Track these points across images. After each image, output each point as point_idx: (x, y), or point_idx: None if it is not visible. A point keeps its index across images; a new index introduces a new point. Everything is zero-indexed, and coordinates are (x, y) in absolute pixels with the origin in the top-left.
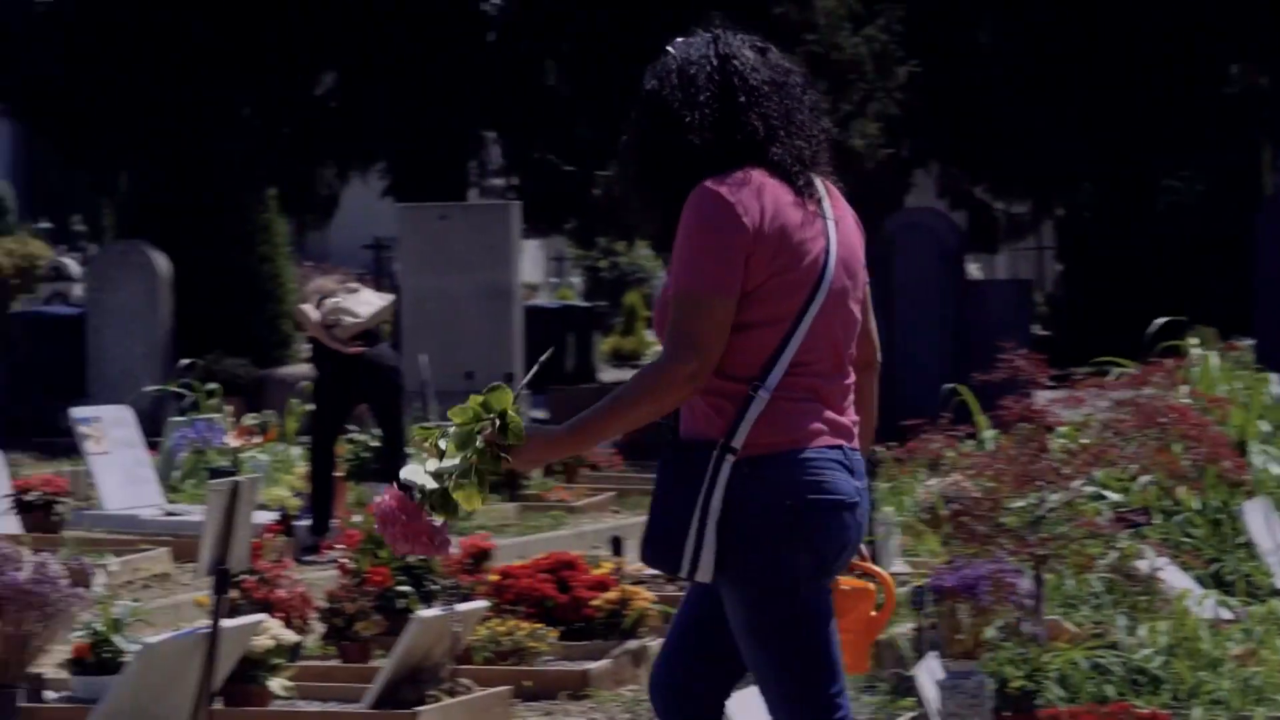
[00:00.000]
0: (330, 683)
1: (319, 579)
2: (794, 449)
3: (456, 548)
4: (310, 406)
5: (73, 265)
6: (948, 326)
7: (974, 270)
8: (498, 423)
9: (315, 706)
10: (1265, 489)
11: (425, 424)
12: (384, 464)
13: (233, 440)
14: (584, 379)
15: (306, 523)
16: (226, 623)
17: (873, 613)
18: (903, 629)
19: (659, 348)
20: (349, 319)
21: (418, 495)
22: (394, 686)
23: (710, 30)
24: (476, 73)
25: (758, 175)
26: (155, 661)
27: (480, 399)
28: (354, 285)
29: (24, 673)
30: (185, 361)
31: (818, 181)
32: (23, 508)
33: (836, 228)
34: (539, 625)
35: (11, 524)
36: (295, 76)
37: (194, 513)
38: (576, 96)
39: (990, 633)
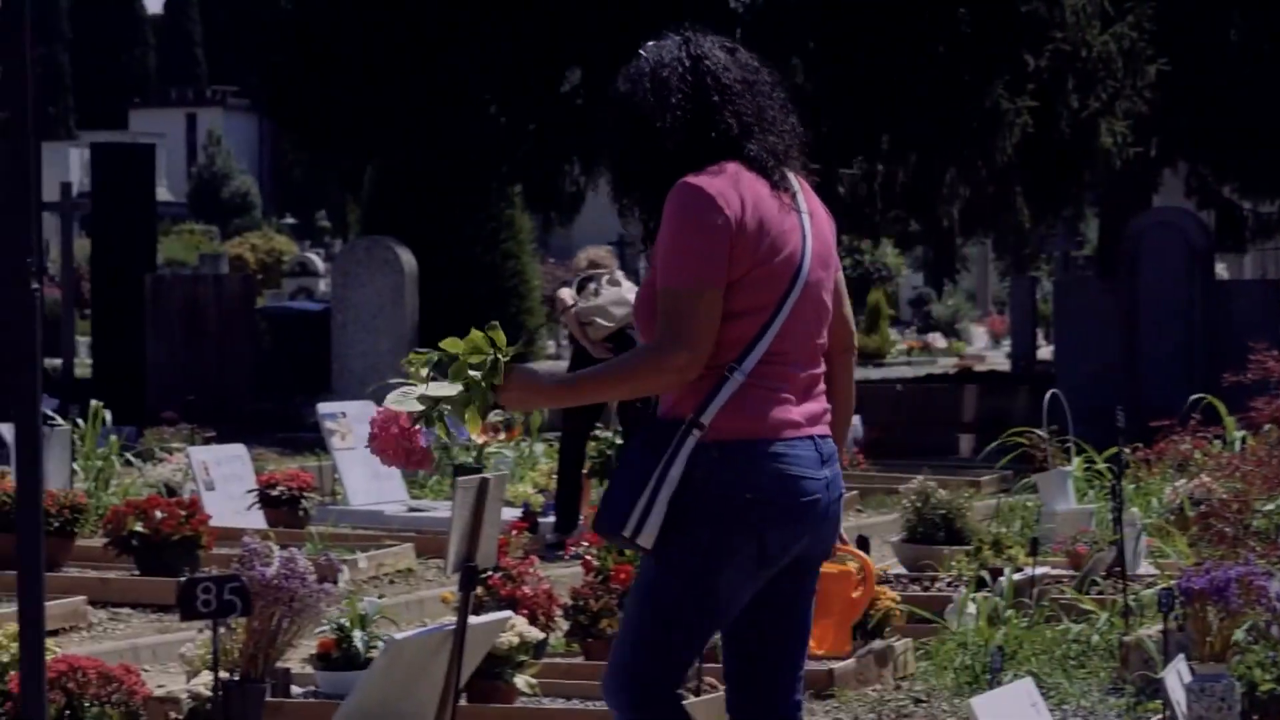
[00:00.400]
0: (574, 680)
1: (563, 576)
2: (765, 439)
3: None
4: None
5: (317, 260)
6: (1195, 327)
7: (1221, 270)
8: (490, 360)
9: (559, 704)
10: None
11: (419, 349)
12: None
13: (477, 437)
14: None
15: (551, 519)
16: (473, 620)
17: (853, 595)
18: (1150, 631)
19: (902, 345)
20: (601, 321)
21: (417, 415)
22: None
23: (680, 33)
24: None
25: (734, 168)
26: (402, 658)
27: (480, 335)
28: (617, 277)
29: (271, 667)
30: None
31: (791, 176)
32: (268, 502)
33: (811, 221)
34: None
35: (257, 519)
36: (541, 73)
37: (438, 509)
38: (822, 94)
39: (1239, 635)
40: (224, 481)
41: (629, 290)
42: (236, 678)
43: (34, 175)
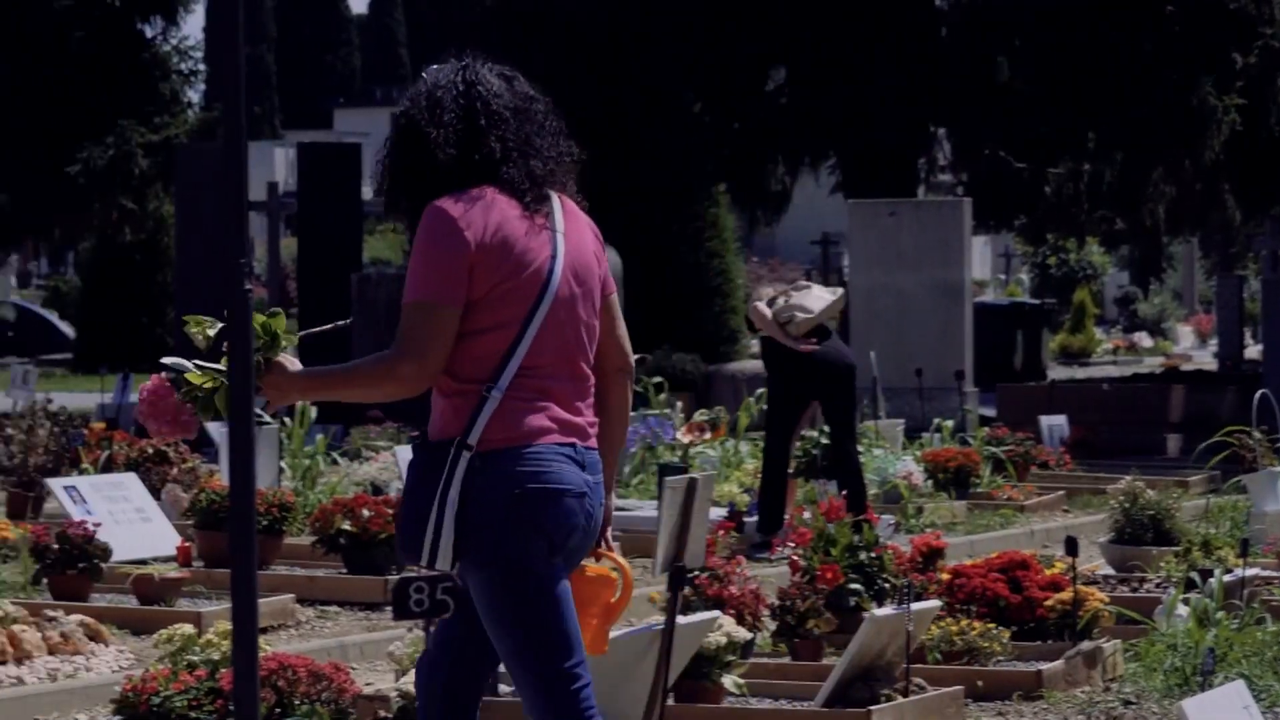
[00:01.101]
0: (782, 680)
1: (769, 576)
2: (521, 444)
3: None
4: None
5: None
6: None
7: None
8: (267, 345)
9: (767, 704)
10: None
11: (199, 316)
12: (832, 459)
13: (683, 436)
14: (1033, 376)
15: (755, 519)
16: (681, 619)
17: (613, 599)
18: None
19: (1109, 344)
20: (801, 315)
21: (181, 384)
22: (846, 685)
23: (460, 59)
24: (928, 68)
25: (490, 192)
26: (611, 656)
27: (261, 319)
28: (803, 283)
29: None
30: (634, 357)
31: (554, 198)
32: None
33: (565, 240)
34: (992, 625)
35: None
36: (745, 72)
37: (643, 508)
38: (1029, 92)
39: None
40: None
41: (820, 289)
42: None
43: (244, 177)
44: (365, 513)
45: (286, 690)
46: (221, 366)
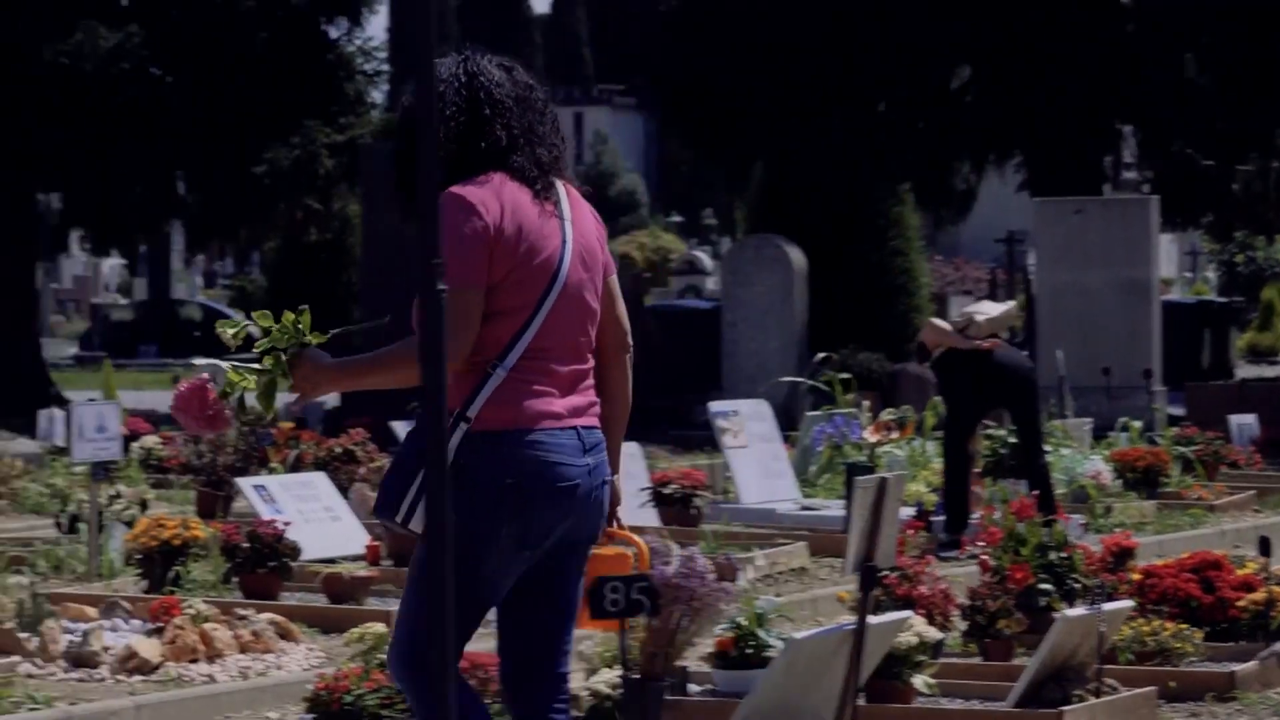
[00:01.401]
0: (972, 680)
1: (958, 575)
2: (526, 429)
3: (272, 430)
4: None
5: (705, 259)
6: None
7: None
8: (295, 342)
9: (958, 704)
10: None
11: (231, 319)
12: (1020, 461)
13: (869, 435)
14: (1220, 374)
15: (943, 519)
16: (872, 619)
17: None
18: None
19: None
20: (981, 316)
21: (217, 384)
22: (1038, 685)
23: (460, 52)
24: (1114, 65)
25: (499, 178)
26: (801, 657)
27: (293, 317)
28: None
29: (671, 666)
30: (820, 356)
31: (558, 184)
32: (661, 500)
33: (573, 226)
34: (1184, 625)
35: (650, 516)
36: (930, 70)
37: (830, 507)
38: (1216, 89)
39: None
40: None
41: (989, 303)
42: (637, 675)
43: (435, 177)
44: None
45: (479, 689)
46: (257, 365)
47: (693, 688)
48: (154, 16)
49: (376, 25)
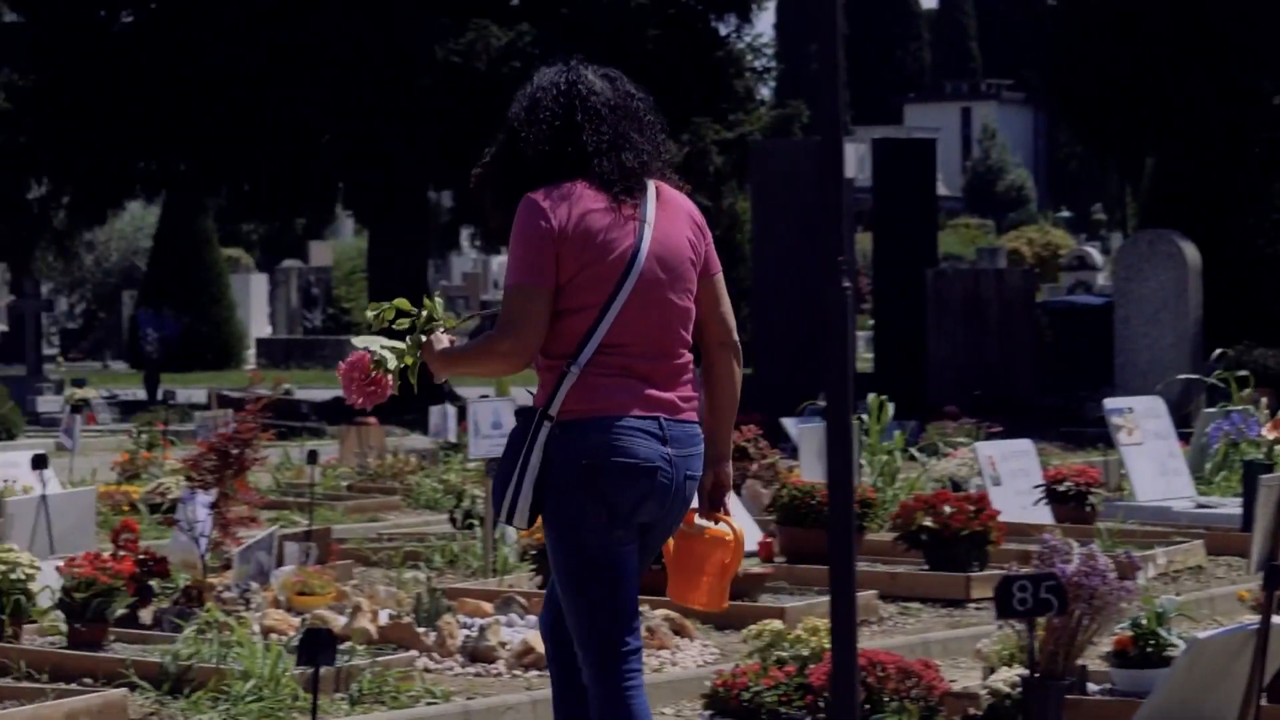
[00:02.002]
0: None
1: None
2: (601, 416)
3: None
4: None
5: (1095, 254)
6: None
7: None
8: (423, 323)
9: None
10: None
11: (379, 302)
12: None
13: (1268, 433)
14: None
15: None
16: (1276, 619)
17: (725, 561)
18: None
19: None
20: None
21: (375, 358)
22: None
23: (566, 62)
24: None
25: (578, 186)
26: (1204, 657)
27: (430, 304)
28: None
29: (1071, 665)
30: (1216, 352)
31: (651, 188)
32: (1055, 498)
33: (654, 228)
34: None
35: (1043, 514)
36: None
37: (1227, 505)
38: None
39: None
40: (1010, 477)
41: None
42: (1036, 675)
43: (840, 175)
44: (947, 509)
45: (877, 687)
46: (399, 344)
47: (1092, 687)
48: (545, 15)
49: (765, 22)
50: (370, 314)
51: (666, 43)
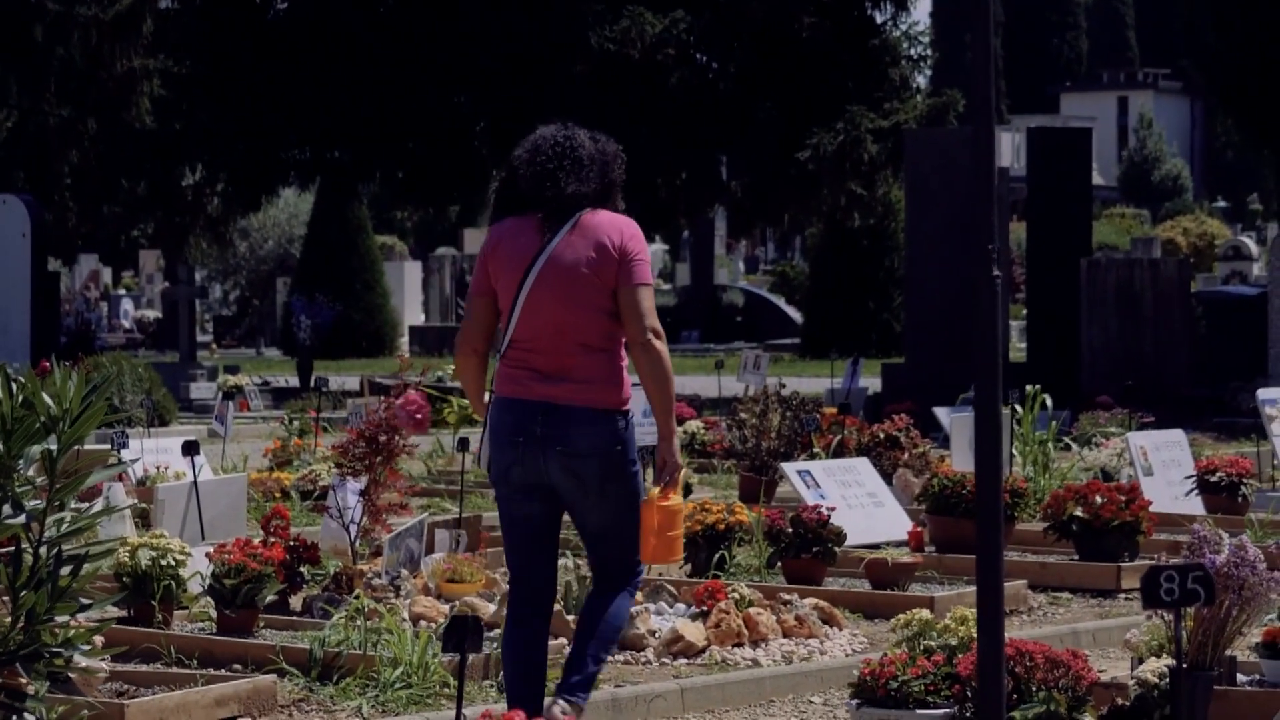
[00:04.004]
0: None
1: None
2: (499, 397)
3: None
4: None
5: (1251, 244)
6: None
7: None
8: None
9: None
10: None
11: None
12: None
13: None
14: None
15: None
16: None
17: (670, 532)
18: None
19: None
20: None
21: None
22: None
23: (563, 124)
24: None
25: (524, 217)
26: None
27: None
28: None
29: (1220, 655)
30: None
31: (577, 217)
32: (1206, 488)
33: (554, 249)
34: None
35: (1195, 505)
36: None
37: None
38: None
39: None
40: (1162, 467)
41: None
42: (1184, 665)
43: (993, 164)
44: (1098, 499)
45: (1024, 676)
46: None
47: (1241, 678)
48: (700, 2)
49: (921, 10)
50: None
51: (822, 31)
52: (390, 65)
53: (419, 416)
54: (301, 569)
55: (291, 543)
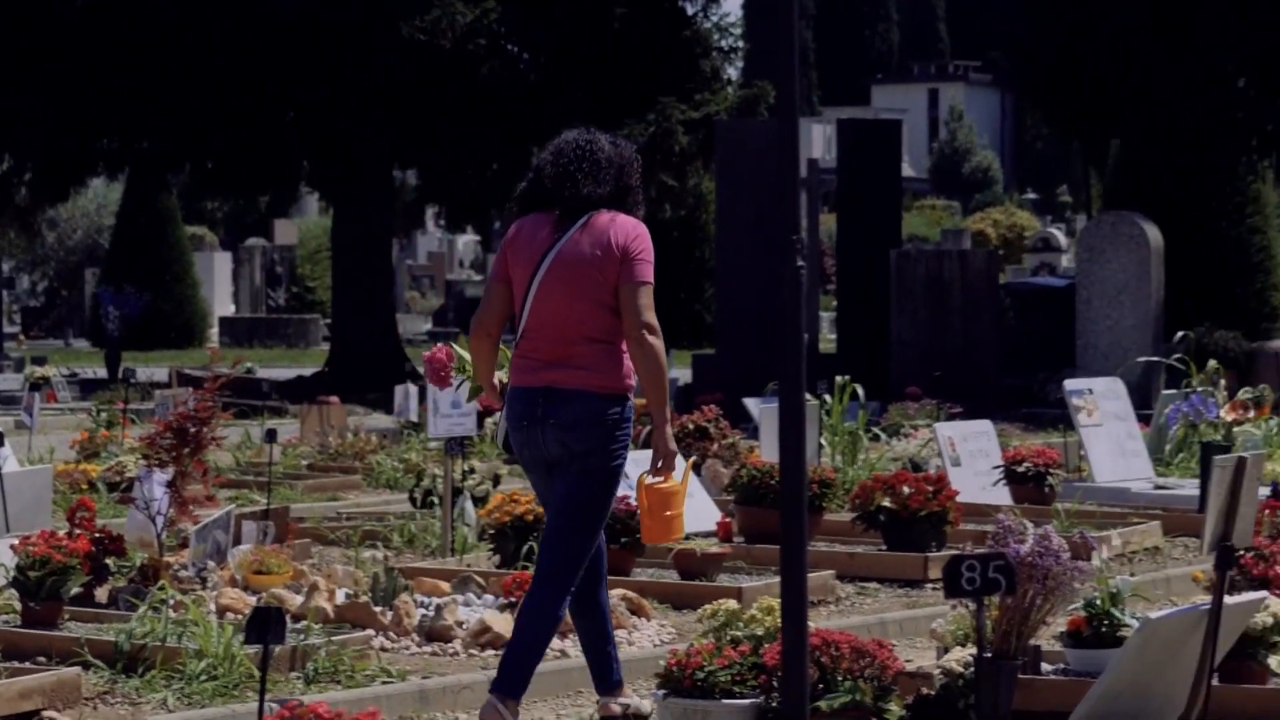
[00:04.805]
0: None
1: None
2: (512, 386)
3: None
4: None
5: (1059, 236)
6: None
7: None
8: None
9: None
10: None
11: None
12: None
13: (1226, 415)
14: None
15: None
16: (1228, 599)
17: (666, 513)
18: None
19: None
20: None
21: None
22: None
23: (585, 129)
24: None
25: (536, 215)
26: (1156, 637)
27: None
28: None
29: (1024, 645)
30: (1179, 335)
31: (588, 217)
32: (1014, 479)
33: (563, 245)
34: None
35: (1002, 495)
36: None
37: (1185, 487)
38: None
39: None
40: (970, 457)
41: None
42: (989, 654)
43: (795, 155)
44: (906, 490)
45: (830, 666)
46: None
47: (1045, 667)
48: None
49: (732, 2)
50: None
51: (632, 22)
52: (198, 55)
53: (443, 373)
54: (107, 561)
55: (97, 535)
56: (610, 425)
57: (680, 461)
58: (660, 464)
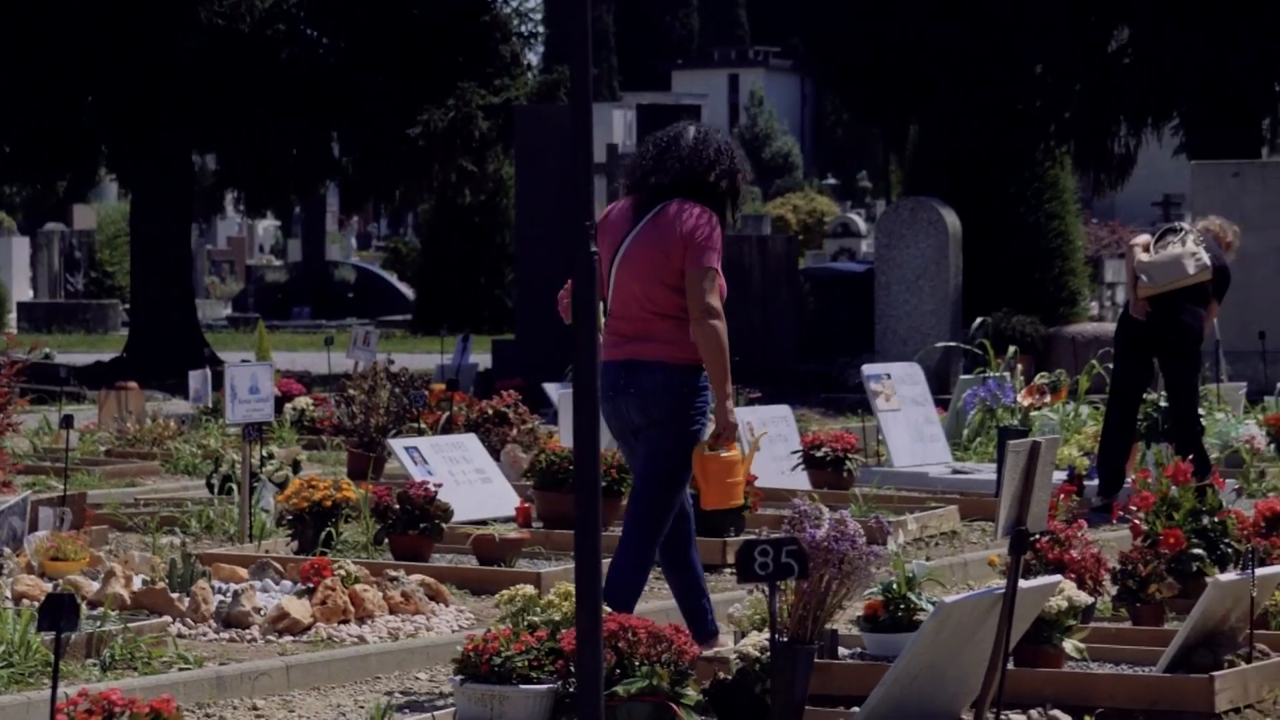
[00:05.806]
0: (1122, 645)
1: (1110, 540)
2: (601, 362)
3: None
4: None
5: (859, 221)
6: None
7: None
8: None
9: (1108, 669)
10: None
11: None
12: (1172, 425)
13: (1023, 399)
14: None
15: (1094, 483)
16: (1022, 583)
17: (729, 480)
18: None
19: None
20: (1144, 279)
21: None
22: (1189, 650)
23: (699, 127)
24: (1274, 26)
25: (628, 201)
26: (951, 620)
27: None
28: (1188, 239)
29: (820, 629)
30: (977, 321)
31: (662, 206)
32: (812, 464)
33: (638, 233)
34: None
35: (801, 479)
36: (1087, 32)
37: (982, 471)
38: None
39: None
40: (769, 442)
41: (1191, 254)
42: (785, 639)
43: (589, 140)
44: None
45: (627, 651)
46: None
47: (842, 651)
48: None
49: None
50: None
51: (433, 7)
52: None
53: (567, 300)
54: None
55: None
56: (686, 393)
57: (748, 434)
58: (721, 434)
